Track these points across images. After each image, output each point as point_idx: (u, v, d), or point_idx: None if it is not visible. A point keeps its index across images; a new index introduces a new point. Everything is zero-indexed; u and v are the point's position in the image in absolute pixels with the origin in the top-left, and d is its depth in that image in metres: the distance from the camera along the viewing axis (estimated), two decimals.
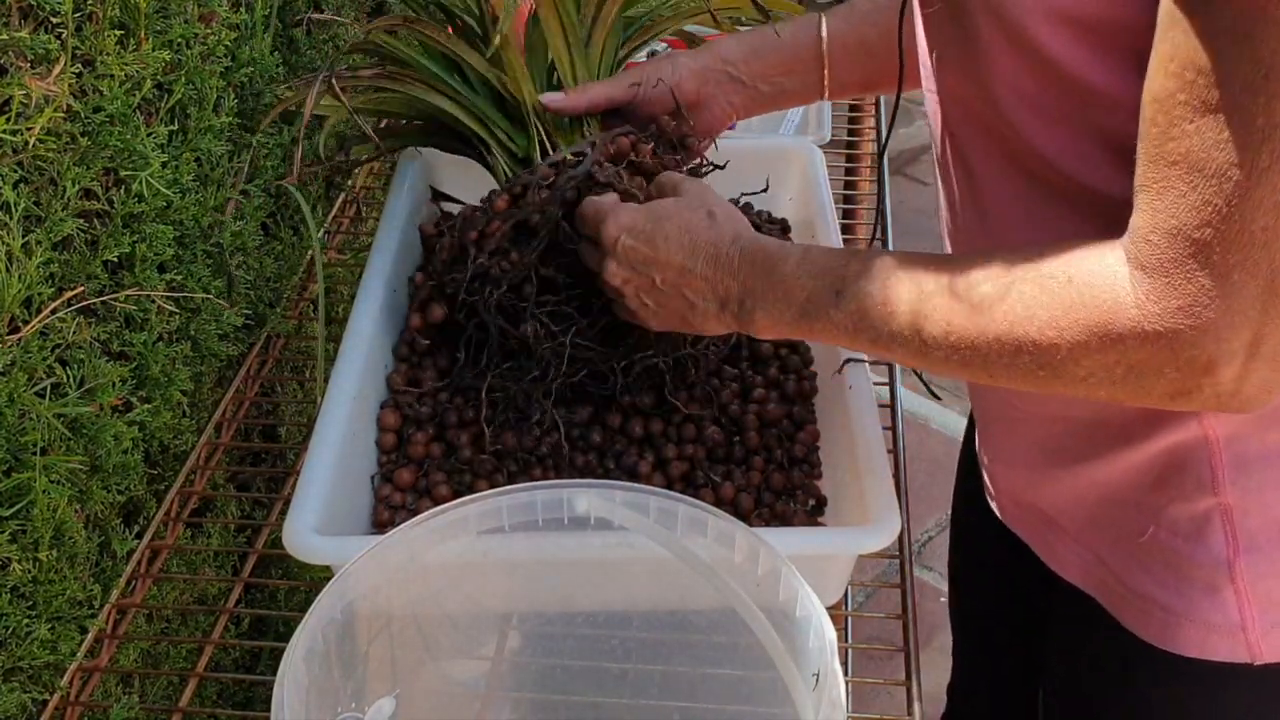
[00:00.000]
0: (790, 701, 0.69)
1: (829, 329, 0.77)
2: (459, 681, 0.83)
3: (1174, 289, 0.61)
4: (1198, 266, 0.59)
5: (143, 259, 1.00)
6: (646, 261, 0.85)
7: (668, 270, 0.84)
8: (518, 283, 0.93)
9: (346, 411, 0.92)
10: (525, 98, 1.01)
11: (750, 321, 0.81)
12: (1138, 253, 0.62)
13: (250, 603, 1.28)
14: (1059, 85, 0.68)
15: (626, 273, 0.86)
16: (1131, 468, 0.79)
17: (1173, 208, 0.60)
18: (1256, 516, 0.76)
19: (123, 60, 0.93)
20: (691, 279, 0.83)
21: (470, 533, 0.74)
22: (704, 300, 0.83)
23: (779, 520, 0.93)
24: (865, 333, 0.74)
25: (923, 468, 2.36)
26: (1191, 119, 0.58)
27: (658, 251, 0.84)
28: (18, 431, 0.85)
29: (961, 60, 0.74)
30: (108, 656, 0.95)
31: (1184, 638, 0.80)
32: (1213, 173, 0.58)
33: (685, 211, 0.85)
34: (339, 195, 1.45)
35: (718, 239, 0.82)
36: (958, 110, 0.78)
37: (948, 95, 0.79)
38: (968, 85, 0.75)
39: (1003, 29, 0.68)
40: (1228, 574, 0.77)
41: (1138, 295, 0.62)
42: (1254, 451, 0.75)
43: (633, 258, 0.85)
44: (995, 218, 0.78)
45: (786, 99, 1.04)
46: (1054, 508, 0.88)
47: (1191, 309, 0.60)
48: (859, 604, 1.96)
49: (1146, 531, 0.80)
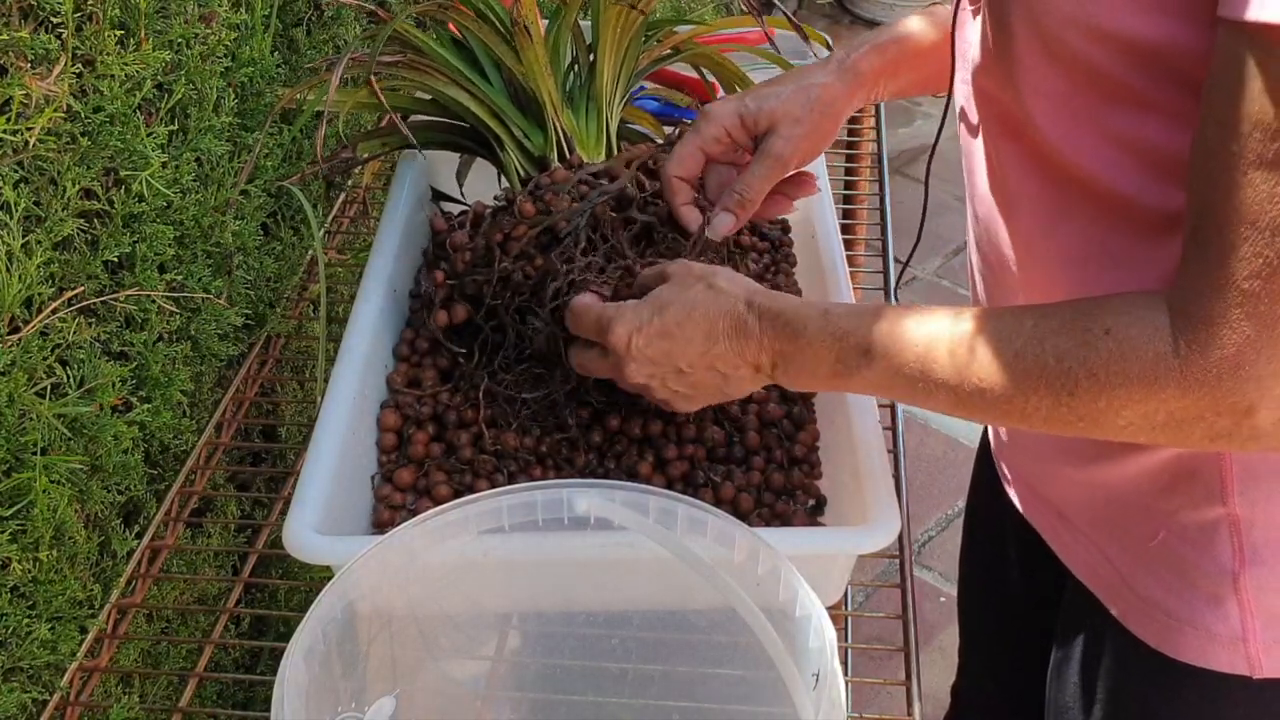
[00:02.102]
0: (790, 701, 0.69)
1: (864, 385, 0.76)
2: (459, 681, 0.83)
3: (1218, 339, 0.61)
4: (1244, 317, 0.60)
5: (143, 259, 1.00)
6: (666, 355, 0.81)
7: (690, 355, 0.81)
8: (539, 288, 0.93)
9: (346, 411, 0.92)
10: (545, 95, 1.00)
11: (786, 380, 0.80)
12: (1184, 303, 0.62)
13: (250, 603, 1.28)
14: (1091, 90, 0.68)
15: (649, 370, 0.83)
16: (1142, 472, 0.79)
17: (1222, 259, 0.60)
18: (1263, 530, 0.76)
19: (123, 60, 0.93)
20: (718, 355, 0.80)
21: (470, 533, 0.74)
22: (736, 370, 0.81)
23: (779, 520, 0.93)
24: (900, 387, 0.74)
25: (923, 468, 2.36)
26: (1246, 171, 0.58)
27: (675, 342, 0.81)
28: (18, 431, 0.85)
29: (997, 62, 0.74)
30: (108, 656, 0.95)
31: (1185, 644, 0.80)
32: (1265, 226, 0.58)
33: (685, 293, 0.82)
34: (339, 195, 1.45)
35: (731, 308, 0.80)
36: (990, 110, 0.78)
37: (981, 95, 0.79)
38: (1000, 86, 0.75)
39: (1039, 37, 0.68)
40: (1232, 585, 0.77)
41: (1180, 346, 0.62)
42: (1265, 465, 0.75)
43: (651, 354, 0.82)
44: (1021, 217, 0.78)
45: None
46: (1064, 502, 0.88)
47: (1236, 359, 0.60)
48: (859, 604, 1.96)
49: (1157, 535, 0.80)
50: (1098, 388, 0.65)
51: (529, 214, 0.93)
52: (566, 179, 0.96)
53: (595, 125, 1.03)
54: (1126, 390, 0.64)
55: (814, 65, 0.96)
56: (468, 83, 1.03)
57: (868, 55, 0.95)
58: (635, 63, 1.06)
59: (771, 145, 0.92)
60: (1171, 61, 0.64)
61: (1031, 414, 0.68)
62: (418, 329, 1.04)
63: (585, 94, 1.04)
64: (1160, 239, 0.69)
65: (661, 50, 1.11)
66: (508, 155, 1.02)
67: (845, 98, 0.95)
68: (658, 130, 1.16)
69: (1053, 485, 0.89)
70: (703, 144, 0.93)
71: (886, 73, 0.96)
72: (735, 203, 0.92)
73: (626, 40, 1.03)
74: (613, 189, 0.93)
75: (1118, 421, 0.65)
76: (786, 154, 0.92)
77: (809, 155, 0.95)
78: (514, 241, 0.93)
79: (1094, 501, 0.85)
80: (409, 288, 1.09)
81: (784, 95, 0.93)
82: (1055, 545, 0.91)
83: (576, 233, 0.91)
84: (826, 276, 1.06)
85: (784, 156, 0.92)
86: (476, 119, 1.03)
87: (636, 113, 1.16)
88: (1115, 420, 0.65)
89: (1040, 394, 0.67)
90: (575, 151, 1.00)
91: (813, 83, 0.93)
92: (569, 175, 0.96)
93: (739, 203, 0.92)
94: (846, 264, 1.07)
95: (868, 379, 0.75)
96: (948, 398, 0.71)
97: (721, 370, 0.81)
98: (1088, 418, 0.66)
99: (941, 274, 2.83)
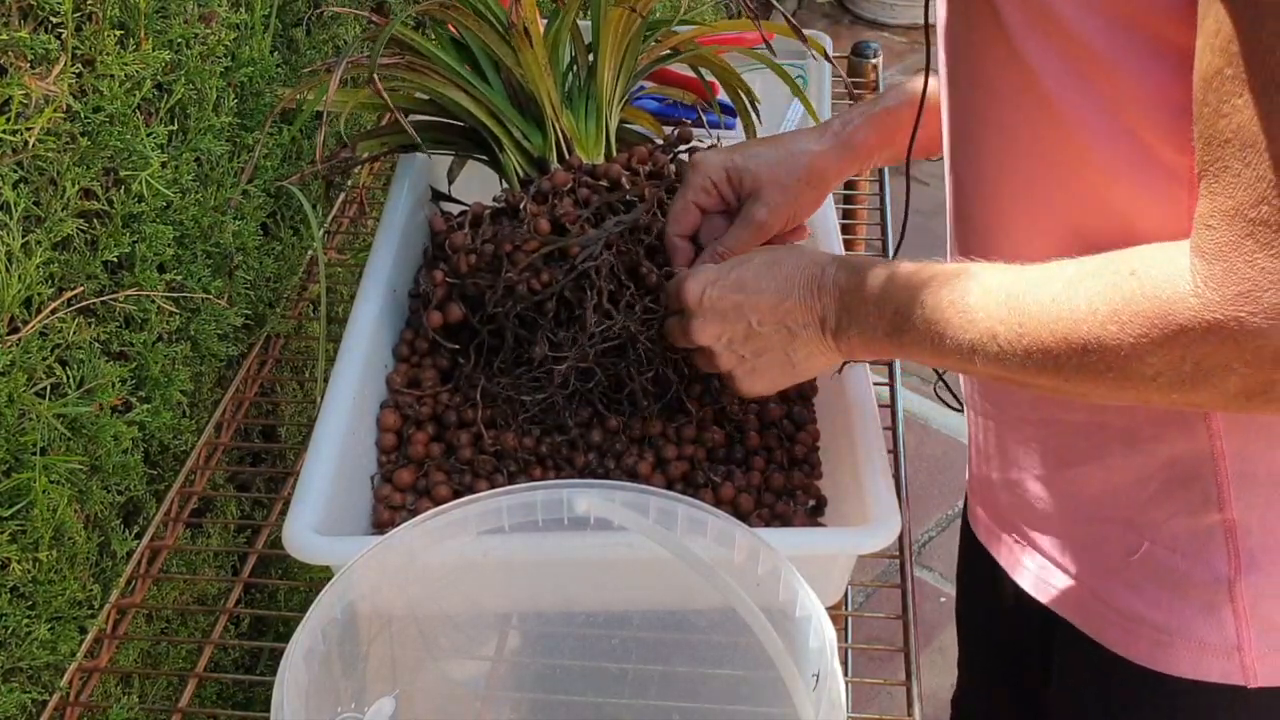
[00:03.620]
0: (790, 701, 0.69)
1: (916, 343, 0.74)
2: (459, 681, 0.83)
3: (1233, 274, 0.58)
4: (1256, 247, 0.57)
5: (143, 259, 1.00)
6: (737, 308, 0.81)
7: (762, 307, 0.80)
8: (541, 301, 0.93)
9: (346, 411, 0.92)
10: (544, 95, 1.00)
11: (846, 339, 0.79)
12: (1197, 239, 0.60)
13: (250, 603, 1.28)
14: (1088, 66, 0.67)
15: (717, 326, 0.82)
16: (1128, 481, 0.78)
17: (1228, 188, 0.58)
18: (1260, 535, 0.75)
19: (123, 60, 0.93)
20: (789, 310, 0.80)
21: (470, 533, 0.74)
22: (805, 327, 0.80)
23: (779, 520, 0.93)
24: (948, 342, 0.72)
25: (923, 468, 2.36)
26: (1240, 93, 0.56)
27: (748, 294, 0.80)
28: (18, 431, 0.85)
29: (989, 44, 0.73)
30: (107, 656, 0.95)
31: (1176, 658, 0.78)
32: (1265, 146, 0.56)
33: (772, 252, 0.82)
34: (339, 195, 1.45)
35: (812, 263, 0.80)
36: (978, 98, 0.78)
37: (968, 84, 0.78)
38: (993, 67, 0.74)
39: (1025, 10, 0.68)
40: (1227, 593, 0.76)
41: (1196, 283, 0.60)
42: (1260, 469, 0.74)
43: (722, 305, 0.81)
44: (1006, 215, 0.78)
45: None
46: (1029, 521, 0.87)
47: (1253, 294, 0.58)
48: (859, 604, 1.96)
49: (1139, 549, 0.79)
50: (1121, 330, 0.62)
51: (543, 231, 0.93)
52: (566, 181, 0.96)
53: (595, 126, 1.03)
54: (1145, 330, 0.61)
55: (809, 131, 0.96)
56: (466, 83, 1.03)
57: (863, 129, 0.95)
58: (635, 63, 1.06)
59: (754, 212, 0.91)
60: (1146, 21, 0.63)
61: (1065, 364, 0.66)
62: (418, 329, 1.04)
63: (584, 95, 1.04)
64: (1147, 226, 0.69)
65: (660, 51, 1.11)
66: (506, 156, 1.02)
67: (836, 170, 0.95)
68: (657, 130, 1.16)
69: (1019, 502, 0.87)
70: (694, 198, 0.92)
71: (881, 145, 0.96)
72: (714, 259, 0.90)
73: (626, 41, 1.03)
74: (629, 219, 0.93)
75: (1145, 370, 0.63)
76: (769, 222, 0.91)
77: (793, 221, 0.94)
78: (522, 253, 0.93)
79: (1063, 518, 0.83)
80: (409, 288, 1.09)
81: (772, 160, 0.92)
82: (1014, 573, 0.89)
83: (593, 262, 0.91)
84: None
85: (765, 223, 0.91)
86: (475, 120, 1.03)
87: (636, 113, 1.16)
88: (1142, 369, 0.63)
89: (1069, 340, 0.65)
90: (574, 153, 1.00)
91: (804, 150, 0.93)
92: (569, 177, 0.96)
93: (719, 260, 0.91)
94: None
95: (919, 332, 0.73)
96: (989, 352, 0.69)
97: (790, 328, 0.80)
98: (1116, 366, 0.64)
99: None
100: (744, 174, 0.92)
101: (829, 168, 0.94)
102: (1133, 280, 0.63)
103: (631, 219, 0.93)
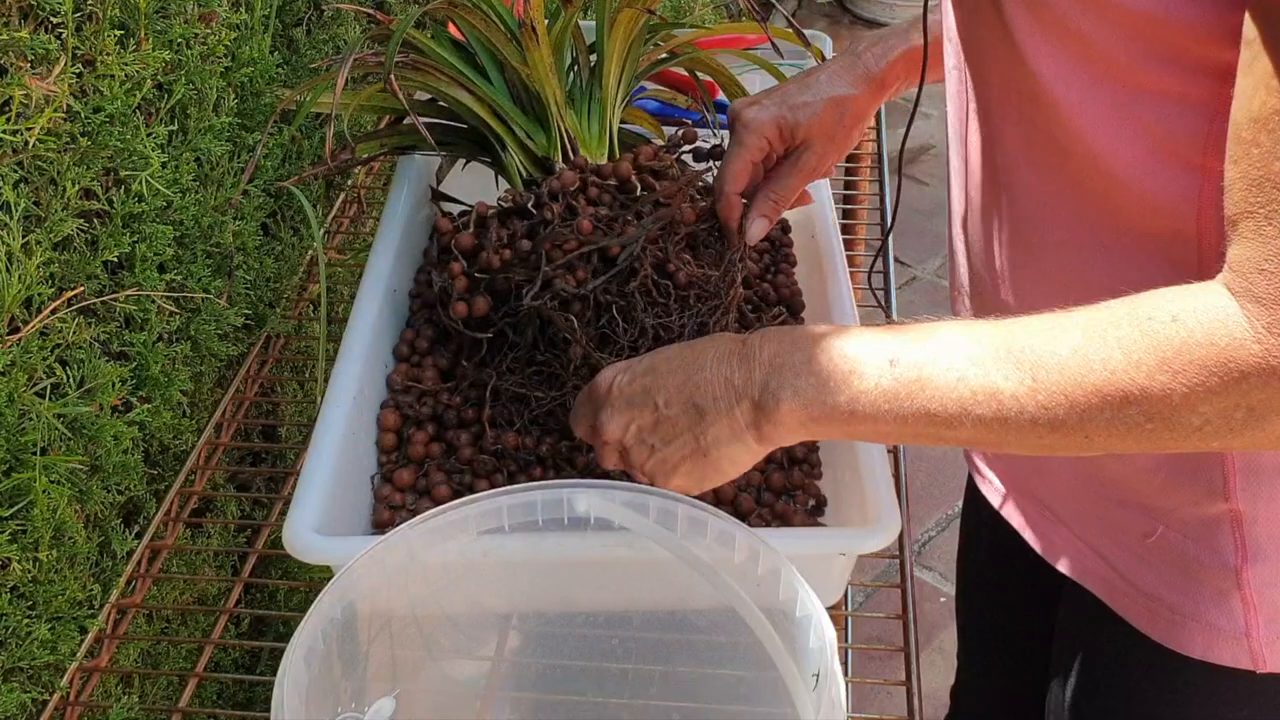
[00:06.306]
0: (790, 701, 0.69)
1: (876, 405, 0.67)
2: (459, 681, 0.83)
3: None
4: None
5: (143, 259, 1.00)
6: (645, 391, 0.75)
7: (670, 386, 0.74)
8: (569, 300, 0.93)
9: (346, 411, 0.92)
10: (549, 95, 1.00)
11: (774, 411, 0.70)
12: (1250, 286, 0.58)
13: (250, 603, 1.28)
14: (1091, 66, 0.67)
15: (625, 415, 0.76)
16: (1136, 471, 0.79)
17: None
18: (1265, 526, 0.76)
19: (123, 60, 0.93)
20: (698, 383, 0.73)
21: (470, 533, 0.74)
22: (715, 402, 0.72)
23: (779, 520, 0.93)
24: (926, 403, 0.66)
25: (923, 468, 2.36)
26: None
27: (657, 374, 0.75)
28: (18, 431, 0.85)
29: (995, 41, 0.73)
30: (108, 656, 0.95)
31: (1189, 638, 0.80)
32: None
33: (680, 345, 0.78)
34: (339, 195, 1.45)
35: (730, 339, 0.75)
36: (989, 93, 0.78)
37: (979, 78, 0.79)
38: (999, 66, 0.74)
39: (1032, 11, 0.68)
40: (1235, 581, 0.77)
41: (1257, 329, 0.57)
42: (1267, 461, 0.74)
43: (630, 391, 0.76)
44: (1018, 202, 0.78)
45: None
46: (1050, 496, 0.88)
47: None
48: (859, 604, 1.96)
49: (1155, 532, 0.80)
50: (1173, 379, 0.59)
51: (586, 231, 0.94)
52: (574, 181, 0.96)
53: (598, 126, 1.03)
54: (1204, 379, 0.59)
55: (843, 70, 0.98)
56: (469, 83, 1.03)
57: (897, 65, 0.98)
58: (637, 64, 1.07)
59: (806, 160, 0.96)
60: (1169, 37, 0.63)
61: (1092, 419, 0.62)
62: (418, 329, 1.04)
63: (588, 95, 1.05)
64: (1157, 227, 0.69)
65: (659, 53, 1.12)
66: (509, 156, 1.02)
67: (872, 108, 0.99)
68: (657, 130, 1.16)
69: (1039, 478, 0.88)
70: (751, 157, 0.95)
71: (904, 77, 1.00)
72: (770, 209, 0.96)
73: (630, 40, 1.04)
74: (665, 215, 0.95)
75: (1193, 420, 0.60)
76: (820, 168, 0.97)
77: (834, 164, 1.00)
78: (560, 251, 0.93)
79: (1086, 499, 0.84)
80: (409, 288, 1.09)
81: (819, 110, 0.96)
82: (1039, 543, 0.90)
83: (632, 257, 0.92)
84: (826, 276, 1.06)
85: (816, 170, 0.97)
86: (478, 119, 1.03)
87: (636, 113, 1.16)
88: (1190, 418, 0.60)
89: (1104, 392, 0.61)
90: (579, 153, 1.00)
91: (844, 95, 0.97)
92: (576, 177, 0.96)
93: (774, 208, 0.96)
94: (846, 264, 1.07)
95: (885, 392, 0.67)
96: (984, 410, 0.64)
97: (698, 404, 0.73)
98: (1159, 417, 0.60)
99: (941, 274, 2.83)
100: (795, 128, 0.96)
101: (867, 107, 0.99)
102: (1176, 327, 0.60)
103: (668, 215, 0.94)
